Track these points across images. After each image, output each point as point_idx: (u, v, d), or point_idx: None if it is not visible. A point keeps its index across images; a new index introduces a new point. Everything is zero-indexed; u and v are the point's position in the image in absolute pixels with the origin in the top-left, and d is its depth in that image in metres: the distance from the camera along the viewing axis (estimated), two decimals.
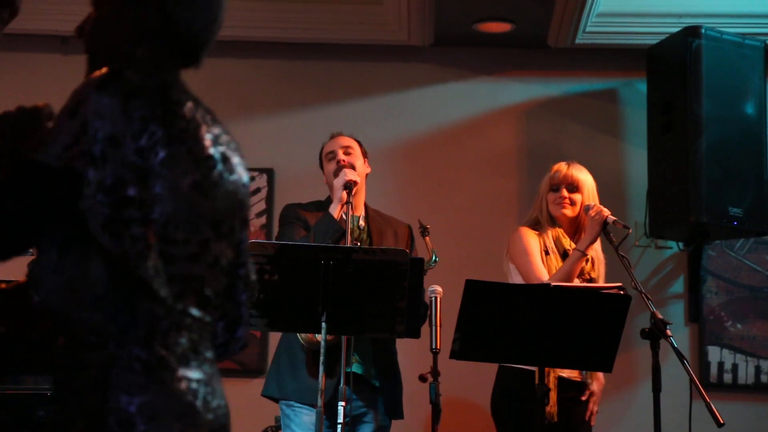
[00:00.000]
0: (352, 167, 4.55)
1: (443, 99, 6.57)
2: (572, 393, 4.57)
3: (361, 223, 4.61)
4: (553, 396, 4.42)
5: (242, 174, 1.93)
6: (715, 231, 5.91)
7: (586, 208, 4.60)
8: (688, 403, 4.03)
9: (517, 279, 4.68)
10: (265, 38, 6.52)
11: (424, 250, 4.49)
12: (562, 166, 4.76)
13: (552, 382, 4.41)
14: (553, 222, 4.74)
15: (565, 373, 4.53)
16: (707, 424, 3.86)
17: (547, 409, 4.38)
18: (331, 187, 4.61)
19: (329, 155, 4.65)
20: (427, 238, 4.43)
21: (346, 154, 4.62)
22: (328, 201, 4.63)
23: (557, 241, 4.69)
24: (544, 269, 4.58)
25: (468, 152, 6.50)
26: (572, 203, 4.70)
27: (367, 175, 4.71)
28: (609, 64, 6.54)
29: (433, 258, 4.37)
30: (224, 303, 1.95)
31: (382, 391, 4.44)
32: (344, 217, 4.37)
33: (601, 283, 4.62)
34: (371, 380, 4.42)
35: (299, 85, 6.59)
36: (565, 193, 4.69)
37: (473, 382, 5.78)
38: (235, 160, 1.93)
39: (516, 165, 6.49)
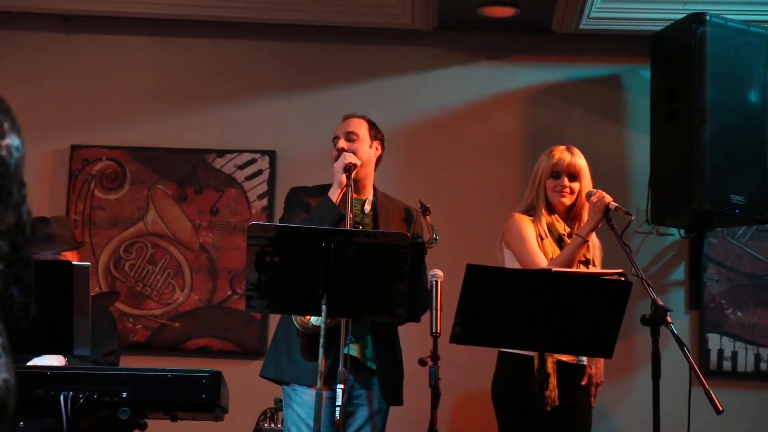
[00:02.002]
0: (353, 153, 4.54)
1: (446, 83, 6.56)
2: (570, 377, 4.58)
3: (367, 207, 4.60)
4: (553, 380, 4.43)
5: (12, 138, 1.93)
6: (717, 218, 5.91)
7: (588, 195, 4.59)
8: (687, 390, 4.04)
9: (512, 264, 4.68)
10: (269, 20, 6.51)
11: (425, 229, 4.49)
12: (564, 155, 4.73)
13: (551, 367, 4.42)
14: (549, 208, 4.73)
15: (563, 357, 4.53)
16: (706, 411, 3.87)
17: (548, 393, 4.39)
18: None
19: (334, 140, 4.65)
20: (428, 217, 4.43)
21: (349, 140, 4.61)
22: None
23: (551, 226, 4.69)
24: (541, 255, 4.59)
25: (470, 137, 6.50)
26: (571, 192, 4.70)
27: (379, 157, 4.71)
28: (613, 50, 6.52)
29: (434, 236, 4.38)
30: (13, 265, 1.95)
31: (378, 375, 4.44)
32: (345, 200, 4.36)
33: (599, 269, 4.62)
34: (366, 362, 4.43)
35: (302, 68, 6.58)
36: (566, 181, 4.69)
37: (473, 367, 5.79)
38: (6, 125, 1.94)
39: (518, 150, 6.49)
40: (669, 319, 3.96)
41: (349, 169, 4.41)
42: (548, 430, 4.35)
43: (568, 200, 4.70)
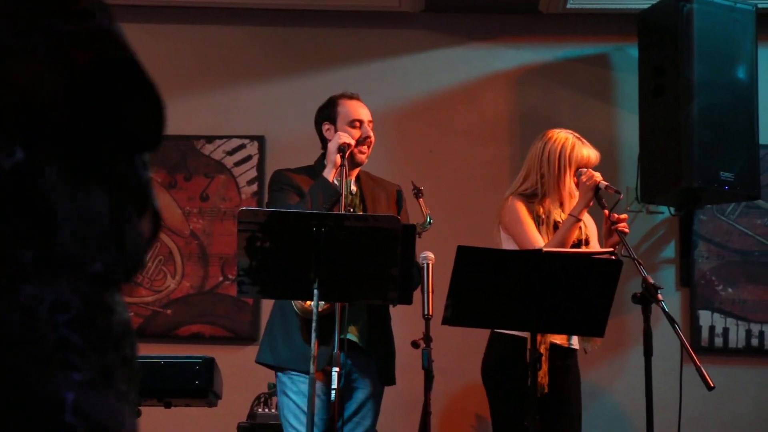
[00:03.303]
0: (370, 143, 4.54)
1: (434, 65, 6.55)
2: (562, 360, 4.57)
3: (353, 187, 4.59)
4: (544, 366, 4.42)
5: None
6: (706, 195, 5.92)
7: (578, 174, 4.57)
8: (678, 367, 4.05)
9: (510, 247, 4.65)
10: (257, 5, 6.49)
11: (418, 212, 4.46)
12: (591, 152, 4.64)
13: (543, 351, 4.41)
14: (555, 198, 4.67)
15: (557, 339, 4.53)
16: (698, 388, 3.88)
17: (538, 380, 4.39)
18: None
19: (356, 123, 4.58)
20: (421, 199, 4.40)
21: (372, 129, 4.60)
22: (318, 165, 4.61)
23: (549, 213, 4.65)
24: (539, 237, 4.55)
25: (459, 118, 6.50)
26: None
27: None
28: (600, 29, 6.52)
29: (428, 220, 4.36)
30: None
31: (375, 358, 4.45)
32: (336, 181, 4.36)
33: (593, 247, 4.62)
34: (365, 347, 4.42)
35: (291, 52, 6.57)
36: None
37: (466, 349, 5.80)
38: None
39: (508, 131, 6.49)
40: (660, 296, 3.97)
41: (342, 149, 4.38)
42: (539, 413, 4.38)
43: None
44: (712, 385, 3.79)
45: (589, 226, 4.68)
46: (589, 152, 4.66)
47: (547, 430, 4.45)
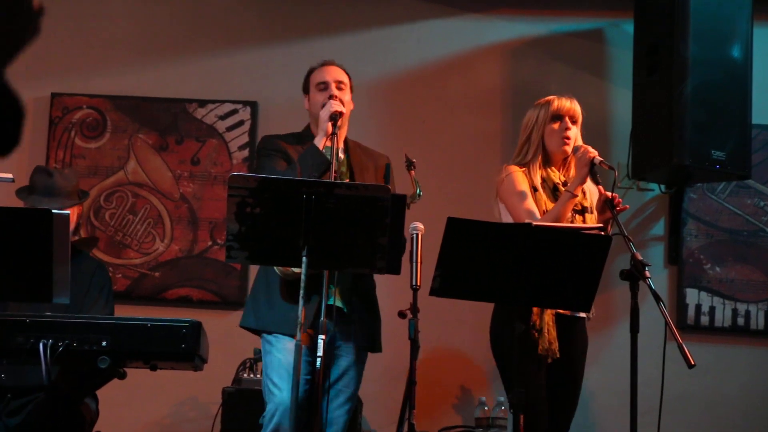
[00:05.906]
0: (341, 102, 4.53)
1: (429, 35, 6.53)
2: (569, 329, 4.56)
3: (341, 156, 4.58)
4: (552, 332, 4.42)
5: None
6: (697, 174, 5.93)
7: (575, 149, 4.55)
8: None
9: (507, 219, 4.64)
10: None
11: (409, 183, 4.45)
12: (563, 101, 4.66)
13: (549, 319, 4.41)
14: (546, 159, 4.67)
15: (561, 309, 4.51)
16: (683, 366, 3.89)
17: (547, 346, 4.39)
18: (312, 114, 4.60)
19: (321, 85, 4.61)
20: (413, 171, 4.40)
21: (338, 89, 4.59)
22: (306, 131, 4.62)
23: (546, 178, 4.64)
24: (534, 208, 4.53)
25: (453, 90, 6.48)
26: (569, 138, 4.63)
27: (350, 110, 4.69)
28: (596, 3, 6.51)
29: (417, 192, 4.35)
30: None
31: (359, 324, 4.45)
32: (325, 149, 4.35)
33: (594, 216, 4.60)
34: (349, 313, 4.43)
35: (284, 18, 6.54)
36: (569, 124, 4.62)
37: (453, 320, 5.81)
38: None
39: (500, 103, 6.48)
40: (647, 273, 3.97)
41: (335, 117, 4.38)
42: (547, 380, 4.40)
43: (569, 148, 4.63)
44: (692, 362, 3.80)
45: (594, 195, 4.66)
46: (560, 102, 4.65)
47: (551, 393, 4.47)
